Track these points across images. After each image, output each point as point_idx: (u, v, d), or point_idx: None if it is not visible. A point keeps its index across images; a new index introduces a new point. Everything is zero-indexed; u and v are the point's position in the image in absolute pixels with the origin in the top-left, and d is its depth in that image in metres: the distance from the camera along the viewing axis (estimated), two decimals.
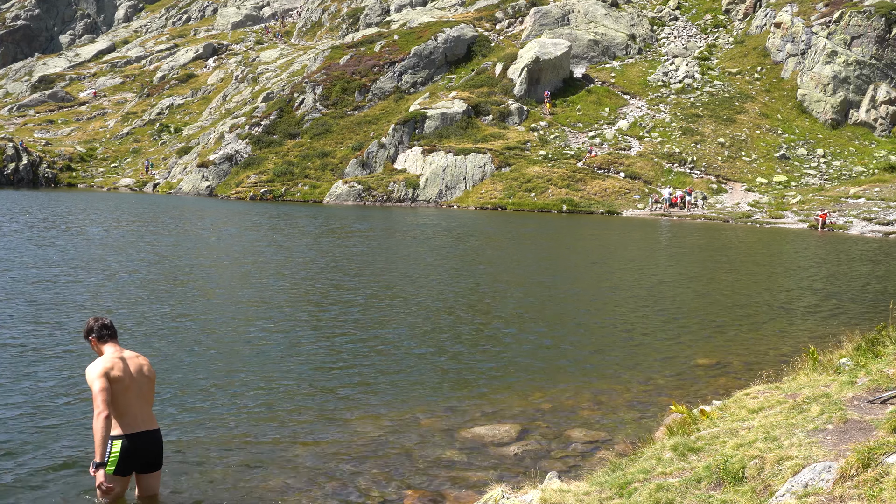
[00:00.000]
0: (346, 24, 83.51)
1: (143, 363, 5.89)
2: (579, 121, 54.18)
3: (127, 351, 5.91)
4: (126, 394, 5.63)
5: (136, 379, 5.74)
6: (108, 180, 61.81)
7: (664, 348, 11.67)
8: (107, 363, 5.62)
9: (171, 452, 6.99)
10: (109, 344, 5.81)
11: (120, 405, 5.59)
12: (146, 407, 5.80)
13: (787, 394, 6.36)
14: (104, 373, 5.54)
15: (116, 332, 5.93)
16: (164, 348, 10.70)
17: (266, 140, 54.85)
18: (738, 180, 47.69)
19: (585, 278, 19.47)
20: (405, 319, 13.36)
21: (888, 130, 52.66)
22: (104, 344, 5.80)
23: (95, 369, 5.57)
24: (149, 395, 5.85)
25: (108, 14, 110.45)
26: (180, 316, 12.98)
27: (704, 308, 15.33)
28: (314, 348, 11.09)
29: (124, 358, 5.77)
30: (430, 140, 51.42)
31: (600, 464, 6.37)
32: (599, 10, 65.97)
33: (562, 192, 46.06)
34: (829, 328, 12.95)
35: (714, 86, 57.32)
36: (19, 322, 11.92)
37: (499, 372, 10.11)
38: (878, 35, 54.07)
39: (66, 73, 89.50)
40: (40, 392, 8.57)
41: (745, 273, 21.19)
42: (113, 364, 5.63)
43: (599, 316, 14.30)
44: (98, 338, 5.80)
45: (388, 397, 8.87)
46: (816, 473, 4.20)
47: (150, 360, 6.09)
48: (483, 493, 5.43)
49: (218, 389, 8.93)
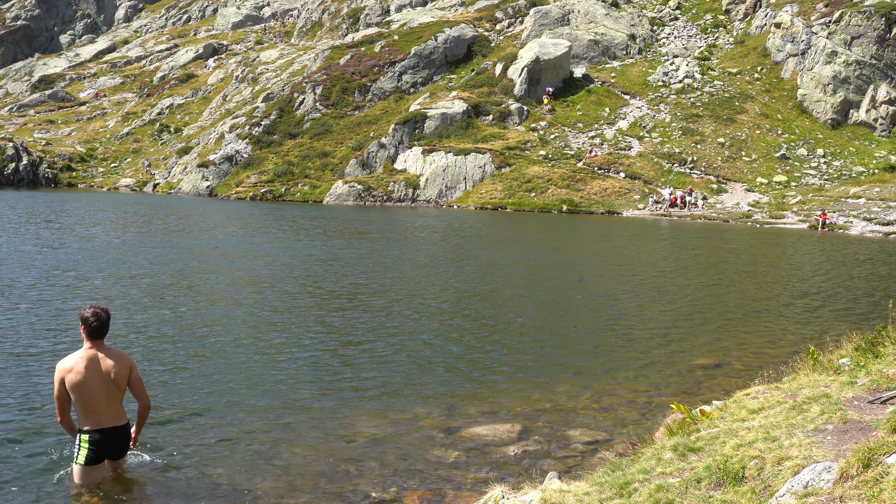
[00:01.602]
0: (346, 24, 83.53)
1: (115, 363, 6.02)
2: (579, 121, 54.19)
3: (104, 349, 6.06)
4: (89, 393, 5.91)
5: (103, 378, 5.95)
6: (108, 180, 61.82)
7: (664, 348, 11.66)
8: (66, 366, 5.92)
9: (171, 452, 7.00)
10: (88, 341, 6.02)
11: (84, 403, 5.92)
12: (113, 403, 6.03)
13: (787, 394, 6.35)
14: (59, 379, 5.91)
15: (104, 329, 6.06)
16: (166, 348, 10.70)
17: (266, 140, 54.87)
18: (738, 180, 47.69)
19: (585, 278, 19.46)
20: (405, 319, 13.35)
21: (888, 130, 52.66)
22: (85, 339, 6.03)
23: (55, 374, 5.94)
24: (117, 393, 6.04)
25: (108, 14, 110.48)
26: (184, 316, 12.98)
27: (704, 308, 15.32)
28: (314, 348, 11.09)
29: (93, 357, 5.96)
30: (430, 140, 51.42)
31: (600, 464, 6.37)
32: (599, 10, 65.98)
33: (562, 193, 46.06)
34: (828, 328, 12.95)
35: (714, 86, 57.32)
36: (41, 328, 11.93)
37: (499, 372, 10.11)
38: (878, 35, 54.07)
39: (66, 73, 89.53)
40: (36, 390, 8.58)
41: (745, 273, 21.18)
42: (73, 366, 5.89)
43: (599, 316, 14.30)
44: (86, 330, 6.01)
45: (389, 397, 8.87)
46: (816, 474, 4.20)
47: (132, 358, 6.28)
48: (483, 493, 5.43)
49: (217, 389, 8.92)
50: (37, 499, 6.05)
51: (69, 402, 6.00)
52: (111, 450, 6.14)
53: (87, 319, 5.96)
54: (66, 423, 6.10)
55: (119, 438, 6.15)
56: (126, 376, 6.08)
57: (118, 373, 6.01)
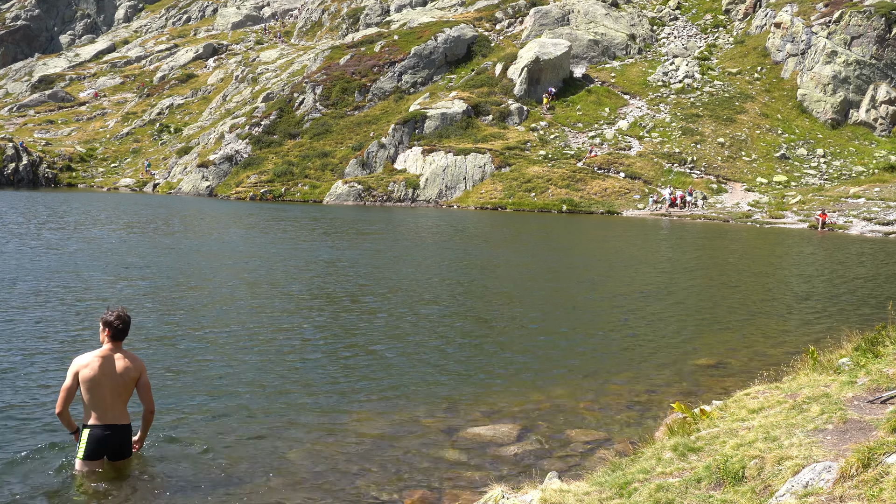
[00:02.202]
0: (346, 24, 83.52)
1: (128, 365, 6.37)
2: (579, 121, 54.19)
3: (121, 351, 6.42)
4: (98, 390, 6.23)
5: (113, 378, 6.29)
6: (108, 180, 61.81)
7: (664, 348, 11.67)
8: (82, 362, 6.27)
9: (171, 451, 7.00)
10: (109, 342, 6.38)
11: (92, 399, 6.23)
12: (118, 403, 6.33)
13: (787, 394, 6.36)
14: (73, 373, 6.24)
15: (126, 332, 6.45)
16: (167, 348, 10.70)
17: (266, 140, 54.86)
18: (738, 180, 47.69)
19: (585, 278, 19.46)
20: (406, 320, 13.36)
21: (888, 130, 52.66)
22: (107, 340, 6.38)
23: (70, 367, 6.29)
24: (124, 394, 6.36)
25: (108, 14, 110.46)
26: (185, 316, 12.98)
27: (704, 308, 15.33)
28: (315, 349, 11.10)
29: (109, 357, 6.32)
30: (430, 140, 51.42)
31: (600, 464, 6.37)
32: (599, 10, 65.97)
33: (562, 192, 46.06)
34: (828, 328, 12.95)
35: (714, 86, 57.32)
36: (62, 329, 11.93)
37: (499, 372, 10.11)
38: (878, 35, 54.06)
39: (66, 73, 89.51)
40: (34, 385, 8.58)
41: (745, 273, 21.19)
42: (88, 363, 6.25)
43: (599, 316, 14.30)
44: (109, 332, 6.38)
45: (389, 397, 8.87)
46: (816, 473, 4.20)
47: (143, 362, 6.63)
48: (483, 493, 5.44)
49: (217, 389, 8.93)
50: (38, 493, 6.07)
51: (73, 396, 6.28)
52: (111, 448, 6.34)
53: (111, 322, 6.33)
54: (64, 417, 6.33)
55: (119, 438, 6.36)
56: (136, 379, 6.42)
57: (129, 374, 6.36)
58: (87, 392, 6.21)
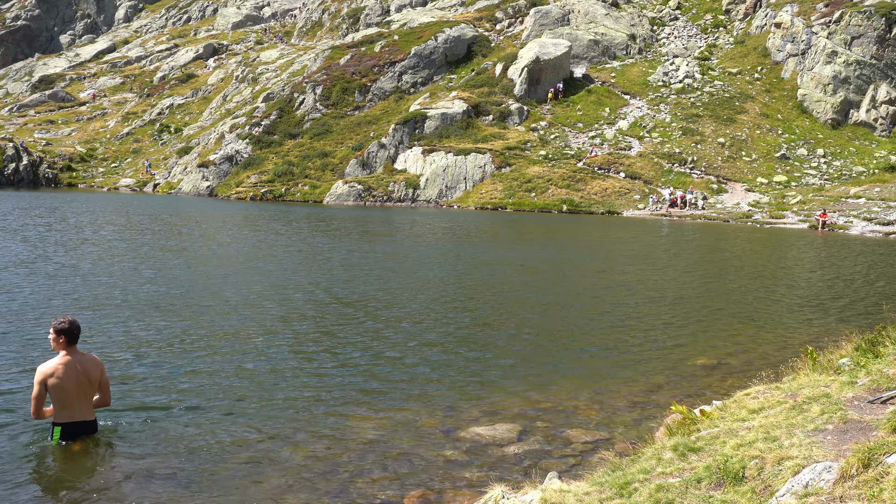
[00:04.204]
0: (347, 24, 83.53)
1: (90, 367, 6.97)
2: (579, 121, 54.19)
3: (78, 354, 6.98)
4: (66, 393, 6.83)
5: (79, 380, 6.90)
6: (109, 180, 61.82)
7: (664, 348, 11.66)
8: (47, 371, 6.82)
9: (171, 451, 7.00)
10: (65, 348, 6.91)
11: (61, 400, 6.84)
12: (85, 401, 6.98)
13: (788, 394, 6.36)
14: (40, 381, 6.81)
15: (78, 336, 6.99)
16: (167, 349, 10.70)
17: (266, 140, 54.86)
18: (738, 180, 47.69)
19: (585, 278, 19.46)
20: (406, 320, 13.35)
21: (888, 130, 52.66)
22: (63, 346, 6.91)
23: (36, 375, 6.85)
24: (89, 392, 6.99)
25: (108, 14, 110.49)
26: (185, 317, 12.99)
27: (705, 308, 15.32)
28: (315, 349, 11.09)
29: (71, 362, 6.87)
30: (430, 140, 51.43)
31: (600, 464, 6.37)
32: (599, 10, 65.97)
33: (562, 193, 46.06)
34: (829, 328, 12.95)
35: (714, 86, 57.32)
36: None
37: (499, 372, 10.11)
38: (878, 35, 54.07)
39: (66, 73, 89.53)
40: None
41: (745, 273, 21.18)
42: (54, 371, 6.81)
43: (599, 316, 14.30)
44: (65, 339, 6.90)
45: (389, 397, 8.87)
46: (816, 473, 4.20)
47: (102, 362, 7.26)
48: (483, 493, 5.43)
49: (217, 389, 8.93)
50: (22, 480, 6.08)
51: (43, 401, 6.90)
52: (79, 437, 7.04)
53: (67, 330, 6.89)
54: (41, 418, 7.01)
55: (87, 431, 7.07)
56: (98, 378, 7.07)
57: (92, 375, 7.00)
58: (56, 396, 6.85)
